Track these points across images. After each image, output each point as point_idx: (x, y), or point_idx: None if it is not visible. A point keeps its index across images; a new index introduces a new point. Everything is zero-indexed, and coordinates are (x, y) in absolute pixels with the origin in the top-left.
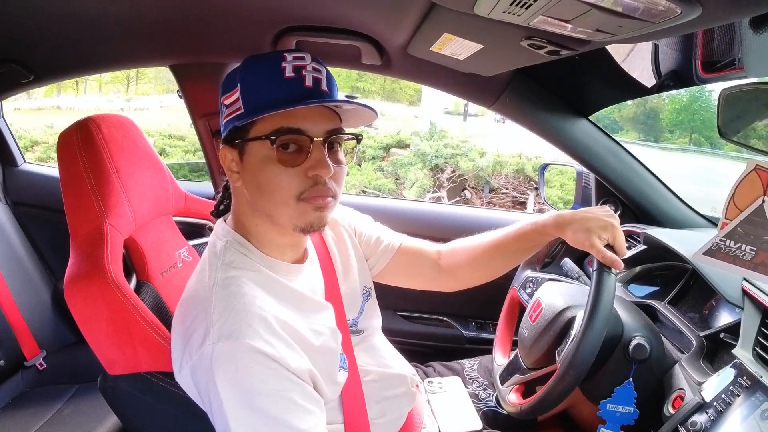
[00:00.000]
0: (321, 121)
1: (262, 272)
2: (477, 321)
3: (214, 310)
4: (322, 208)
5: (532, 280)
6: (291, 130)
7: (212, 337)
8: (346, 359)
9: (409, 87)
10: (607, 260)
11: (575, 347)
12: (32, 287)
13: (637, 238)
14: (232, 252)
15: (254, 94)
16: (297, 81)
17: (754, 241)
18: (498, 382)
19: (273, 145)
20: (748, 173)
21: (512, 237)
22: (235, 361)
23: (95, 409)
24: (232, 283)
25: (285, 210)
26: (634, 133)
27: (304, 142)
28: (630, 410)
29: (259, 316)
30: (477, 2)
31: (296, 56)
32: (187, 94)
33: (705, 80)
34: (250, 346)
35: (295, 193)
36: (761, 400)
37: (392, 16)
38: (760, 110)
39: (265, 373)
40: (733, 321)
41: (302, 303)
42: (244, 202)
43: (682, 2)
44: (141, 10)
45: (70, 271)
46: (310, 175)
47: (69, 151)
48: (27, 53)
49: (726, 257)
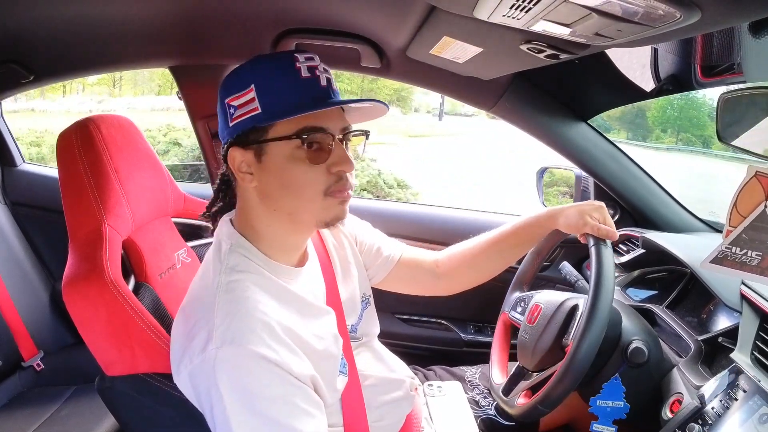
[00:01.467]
0: (338, 119)
1: (265, 276)
2: (475, 324)
3: (217, 314)
4: (345, 201)
5: (523, 299)
6: (316, 129)
7: (215, 341)
8: (346, 364)
9: (387, 87)
10: (603, 232)
11: (587, 318)
12: (30, 288)
13: (635, 241)
14: (236, 255)
15: (274, 95)
16: (314, 81)
17: (759, 246)
18: (501, 396)
19: (303, 144)
20: (749, 180)
21: (507, 234)
22: (239, 366)
23: (93, 410)
24: (236, 287)
25: (311, 206)
26: (623, 132)
27: (327, 140)
28: (620, 404)
29: (262, 322)
30: (477, 6)
31: (307, 57)
32: (186, 96)
33: (704, 84)
34: (254, 352)
35: (322, 189)
36: (759, 404)
37: (392, 19)
38: (759, 115)
39: (267, 377)
40: (731, 325)
41: (305, 308)
42: (255, 203)
43: (681, 7)
44: (141, 12)
45: (68, 272)
46: (334, 171)
47: (68, 151)
48: (27, 53)
49: (733, 264)
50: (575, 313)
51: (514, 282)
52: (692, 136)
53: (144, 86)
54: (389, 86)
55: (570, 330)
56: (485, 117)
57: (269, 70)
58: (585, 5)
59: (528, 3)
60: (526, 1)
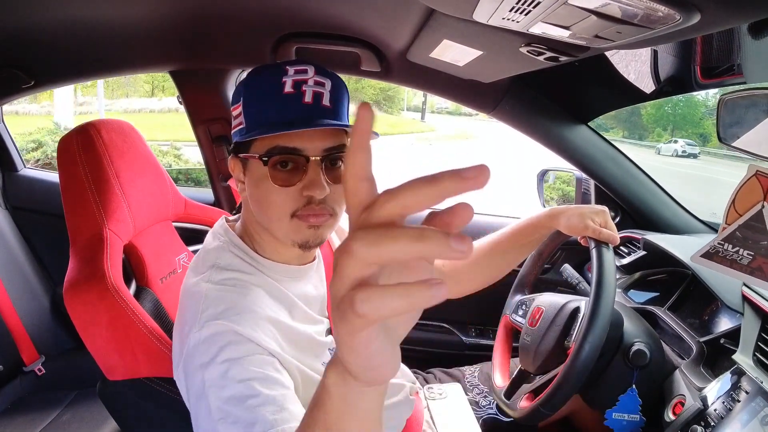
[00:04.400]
0: (319, 138)
1: (257, 275)
2: (477, 327)
3: (206, 305)
4: (316, 226)
5: (524, 302)
6: (285, 150)
7: (198, 324)
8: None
9: (372, 86)
10: (605, 236)
11: (589, 320)
12: (31, 292)
13: (636, 243)
14: (228, 255)
15: (254, 111)
16: (295, 97)
17: (752, 245)
18: (503, 399)
19: (266, 165)
20: (749, 178)
21: (509, 235)
22: (217, 340)
23: (94, 414)
24: (226, 282)
25: (280, 226)
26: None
27: (300, 162)
28: (636, 418)
29: (248, 309)
30: (476, 9)
31: (298, 69)
32: (187, 100)
33: (704, 86)
34: (233, 329)
35: (289, 212)
36: (761, 405)
37: (392, 22)
38: (760, 116)
39: (243, 349)
40: (733, 326)
41: (296, 309)
42: (249, 210)
43: (681, 8)
44: (142, 17)
45: (69, 277)
46: (305, 194)
47: (69, 156)
48: (28, 58)
49: (723, 260)
50: (577, 315)
51: (515, 285)
52: (686, 133)
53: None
54: (374, 86)
55: (572, 332)
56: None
57: (256, 82)
58: (584, 7)
59: (527, 5)
60: (525, 3)
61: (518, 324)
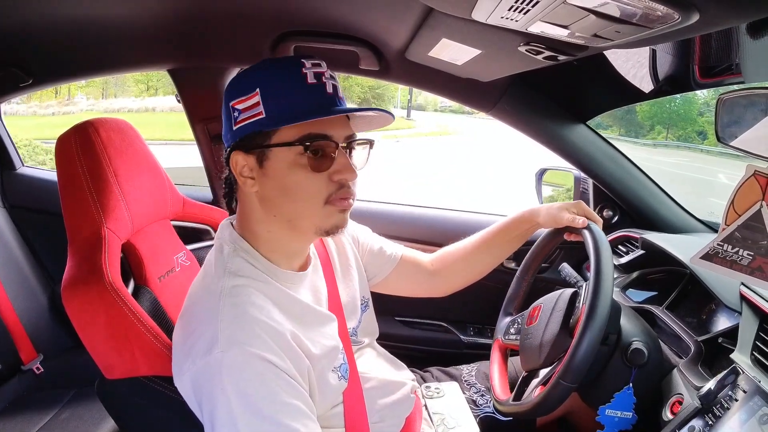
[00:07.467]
0: (342, 127)
1: (268, 282)
2: (475, 326)
3: (222, 318)
4: (346, 209)
5: (515, 320)
6: (319, 136)
7: (221, 345)
8: (348, 369)
9: (360, 84)
10: (580, 223)
11: (593, 289)
12: (30, 291)
13: (635, 243)
14: (239, 260)
15: (279, 100)
16: (320, 88)
17: (751, 245)
18: (513, 404)
19: (306, 152)
20: (747, 178)
21: (494, 232)
22: (245, 369)
23: (93, 413)
24: (240, 292)
25: (311, 214)
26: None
27: (331, 148)
28: (628, 415)
29: (267, 326)
30: (475, 8)
31: (314, 63)
32: (185, 98)
33: (702, 85)
34: (260, 356)
35: (323, 197)
36: (759, 404)
37: (390, 21)
38: (758, 115)
39: (273, 381)
40: (731, 326)
41: (307, 314)
42: (256, 207)
43: (680, 8)
44: (140, 14)
45: (67, 275)
46: (336, 179)
47: (67, 154)
48: (26, 57)
49: (723, 261)
50: (577, 297)
51: (503, 308)
52: (683, 132)
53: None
54: (363, 84)
55: (574, 311)
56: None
57: (275, 74)
58: (583, 7)
59: (526, 4)
60: (524, 2)
61: (512, 343)
